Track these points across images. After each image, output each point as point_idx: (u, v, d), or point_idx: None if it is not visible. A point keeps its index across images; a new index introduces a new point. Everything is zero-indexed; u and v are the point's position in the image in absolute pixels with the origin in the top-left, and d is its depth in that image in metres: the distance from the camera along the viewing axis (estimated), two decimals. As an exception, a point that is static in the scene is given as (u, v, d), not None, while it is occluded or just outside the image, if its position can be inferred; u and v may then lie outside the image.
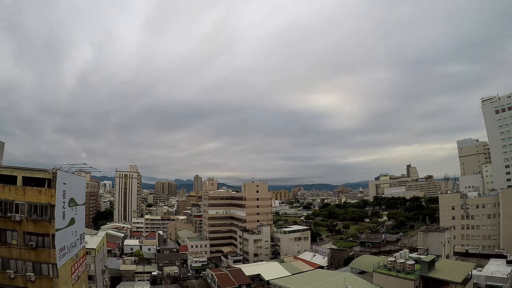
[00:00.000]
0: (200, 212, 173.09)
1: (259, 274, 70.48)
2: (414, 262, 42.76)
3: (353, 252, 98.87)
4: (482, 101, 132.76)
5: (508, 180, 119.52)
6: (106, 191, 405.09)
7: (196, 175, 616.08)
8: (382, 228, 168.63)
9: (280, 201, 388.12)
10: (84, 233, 42.16)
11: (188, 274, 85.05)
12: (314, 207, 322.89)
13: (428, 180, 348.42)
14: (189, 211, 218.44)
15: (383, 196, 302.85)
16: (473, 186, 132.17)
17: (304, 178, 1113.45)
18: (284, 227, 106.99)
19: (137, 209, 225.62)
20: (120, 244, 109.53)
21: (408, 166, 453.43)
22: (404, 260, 43.39)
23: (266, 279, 65.91)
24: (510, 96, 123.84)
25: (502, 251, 66.91)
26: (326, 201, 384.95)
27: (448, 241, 64.33)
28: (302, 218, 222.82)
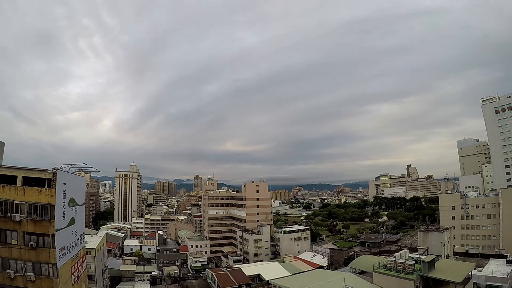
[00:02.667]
0: (200, 212, 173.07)
1: (259, 274, 70.49)
2: (414, 262, 42.75)
3: (353, 252, 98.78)
4: (482, 101, 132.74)
5: (508, 180, 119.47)
6: (106, 191, 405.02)
7: (196, 175, 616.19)
8: (382, 228, 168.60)
9: (280, 201, 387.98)
10: (84, 233, 42.18)
11: (188, 274, 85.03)
12: (314, 207, 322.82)
13: (428, 180, 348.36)
14: (189, 211, 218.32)
15: (383, 196, 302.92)
16: (473, 186, 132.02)
17: (304, 178, 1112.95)
18: (284, 227, 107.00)
19: (137, 209, 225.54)
20: (120, 244, 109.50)
21: (408, 166, 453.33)
22: (404, 260, 43.38)
23: (266, 279, 65.91)
24: (510, 96, 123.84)
25: (502, 251, 66.85)
26: (326, 201, 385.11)
27: (448, 241, 64.38)
28: (302, 218, 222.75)
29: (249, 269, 73.62)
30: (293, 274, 62.94)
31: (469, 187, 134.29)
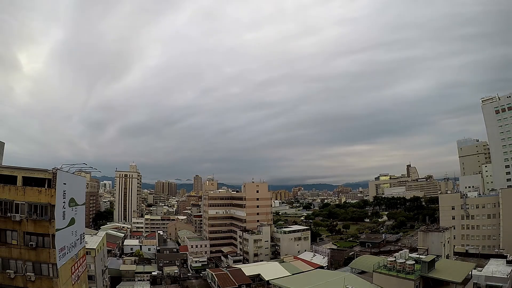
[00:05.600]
0: (200, 212, 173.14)
1: (259, 274, 70.50)
2: (414, 262, 42.74)
3: (353, 252, 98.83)
4: (482, 101, 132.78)
5: (508, 180, 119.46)
6: (106, 191, 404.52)
7: (196, 175, 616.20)
8: (382, 228, 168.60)
9: (280, 201, 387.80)
10: (84, 233, 42.16)
11: (188, 274, 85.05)
12: (314, 207, 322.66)
13: (428, 180, 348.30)
14: (189, 211, 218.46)
15: (383, 196, 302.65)
16: (473, 186, 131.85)
17: (304, 178, 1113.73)
18: (284, 227, 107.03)
19: (137, 209, 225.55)
20: (120, 244, 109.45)
21: (408, 166, 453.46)
22: (404, 260, 43.38)
23: (266, 279, 65.91)
24: (510, 96, 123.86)
25: (502, 251, 66.86)
26: (326, 201, 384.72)
27: (448, 241, 64.35)
28: (302, 218, 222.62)
29: (249, 269, 73.64)
30: (293, 274, 62.92)
31: (469, 187, 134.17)
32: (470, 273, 44.63)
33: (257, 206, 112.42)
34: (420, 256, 48.90)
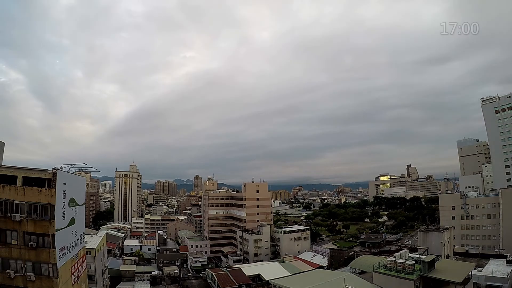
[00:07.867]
0: (200, 212, 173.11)
1: (259, 274, 70.53)
2: (414, 262, 42.76)
3: (353, 252, 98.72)
4: (482, 101, 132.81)
5: (508, 180, 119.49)
6: (106, 191, 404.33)
7: (196, 175, 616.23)
8: (382, 228, 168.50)
9: (280, 201, 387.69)
10: (84, 233, 42.15)
11: (188, 274, 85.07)
12: (314, 207, 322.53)
13: (428, 180, 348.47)
14: (189, 211, 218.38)
15: (383, 196, 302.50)
16: (473, 186, 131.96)
17: (304, 178, 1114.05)
18: (284, 227, 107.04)
19: (137, 209, 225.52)
20: (120, 244, 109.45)
21: (408, 166, 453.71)
22: (404, 260, 43.39)
23: (266, 279, 65.92)
24: (510, 96, 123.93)
25: (502, 251, 66.91)
26: (326, 201, 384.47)
27: (448, 241, 64.33)
28: (302, 218, 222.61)
29: (249, 269, 73.69)
30: (293, 274, 62.98)
31: (469, 187, 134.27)
32: (470, 273, 44.66)
33: (257, 206, 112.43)
34: (420, 256, 48.91)
